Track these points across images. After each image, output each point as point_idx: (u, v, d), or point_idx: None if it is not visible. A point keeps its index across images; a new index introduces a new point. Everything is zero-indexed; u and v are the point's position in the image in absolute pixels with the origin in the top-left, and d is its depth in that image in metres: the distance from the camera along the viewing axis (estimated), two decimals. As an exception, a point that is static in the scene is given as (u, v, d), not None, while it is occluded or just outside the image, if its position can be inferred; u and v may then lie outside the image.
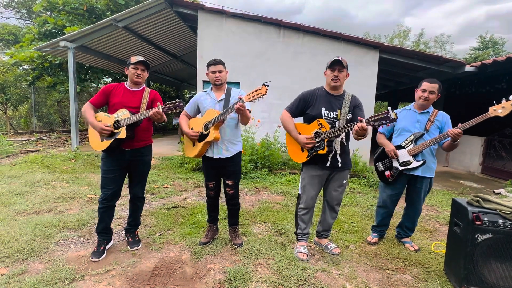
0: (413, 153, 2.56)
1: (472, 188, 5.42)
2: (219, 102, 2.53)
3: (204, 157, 2.58)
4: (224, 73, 2.54)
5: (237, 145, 2.59)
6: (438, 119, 2.58)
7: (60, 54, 8.09)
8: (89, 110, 2.46)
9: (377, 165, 2.81)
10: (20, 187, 4.24)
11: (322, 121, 2.32)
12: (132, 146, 2.49)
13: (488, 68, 6.20)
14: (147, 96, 2.52)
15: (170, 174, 5.43)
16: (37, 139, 9.45)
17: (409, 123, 2.64)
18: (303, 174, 2.56)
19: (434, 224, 3.48)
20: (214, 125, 2.38)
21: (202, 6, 6.31)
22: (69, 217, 3.22)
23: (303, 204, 2.56)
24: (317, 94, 2.45)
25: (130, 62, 2.46)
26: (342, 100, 2.39)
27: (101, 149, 2.44)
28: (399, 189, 2.73)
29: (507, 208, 1.97)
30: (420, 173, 2.59)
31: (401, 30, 24.69)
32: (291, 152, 2.56)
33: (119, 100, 2.45)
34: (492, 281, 1.98)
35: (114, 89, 2.50)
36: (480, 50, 19.92)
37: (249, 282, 2.14)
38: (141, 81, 2.52)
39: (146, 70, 2.51)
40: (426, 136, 2.56)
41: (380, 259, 2.57)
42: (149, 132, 2.63)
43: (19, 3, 17.21)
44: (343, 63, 2.31)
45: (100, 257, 2.43)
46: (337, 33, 6.23)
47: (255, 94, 2.20)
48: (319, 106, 2.39)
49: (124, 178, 2.58)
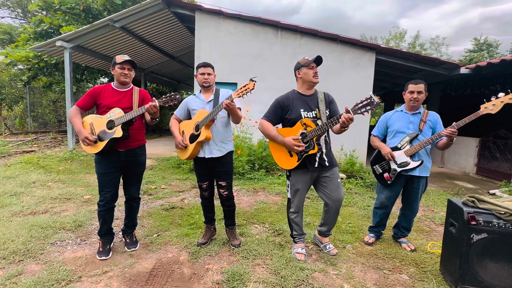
0: (410, 153, 2.59)
1: (467, 188, 5.47)
2: (209, 103, 2.54)
3: (196, 158, 2.58)
4: (212, 76, 2.56)
5: (228, 145, 2.60)
6: (429, 119, 2.64)
7: (56, 54, 8.04)
8: (76, 115, 2.41)
9: (374, 168, 2.82)
10: (15, 188, 4.21)
11: (306, 120, 2.31)
12: (126, 147, 2.46)
13: (483, 70, 6.28)
14: (137, 95, 2.48)
15: (167, 175, 5.42)
16: (33, 140, 9.37)
17: (403, 124, 2.68)
18: (292, 180, 2.49)
19: (430, 224, 3.51)
20: (204, 124, 2.39)
21: (199, 7, 6.31)
22: (66, 218, 3.19)
23: (294, 208, 2.56)
24: (292, 97, 2.45)
25: (115, 61, 2.39)
26: (317, 99, 2.41)
27: (96, 152, 2.39)
28: (397, 190, 2.75)
29: (502, 209, 2.00)
30: (417, 173, 2.62)
31: (397, 32, 24.91)
32: (279, 160, 2.46)
33: (109, 102, 2.40)
34: (487, 280, 2.00)
35: (102, 91, 2.44)
36: (475, 52, 20.15)
37: (247, 282, 2.14)
38: (129, 81, 2.47)
39: (133, 69, 2.47)
40: (421, 137, 2.60)
41: (377, 259, 2.59)
42: (142, 132, 2.60)
43: (14, 2, 17.06)
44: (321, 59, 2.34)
45: (108, 256, 2.46)
46: (334, 35, 6.27)
47: (243, 89, 2.22)
48: (297, 108, 2.38)
49: (120, 178, 2.57)
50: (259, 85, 6.17)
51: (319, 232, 2.76)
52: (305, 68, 2.36)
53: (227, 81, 6.33)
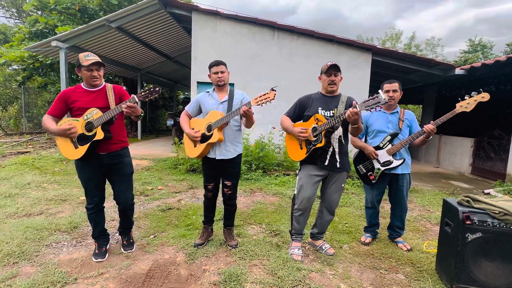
0: (392, 152, 2.66)
1: (463, 188, 5.52)
2: (222, 103, 2.53)
3: (205, 158, 2.57)
4: (226, 74, 2.54)
5: (239, 147, 2.61)
6: (406, 117, 2.74)
7: (51, 54, 7.97)
8: (51, 124, 2.25)
9: (358, 168, 2.87)
10: (10, 189, 4.16)
11: (319, 115, 2.35)
12: (108, 150, 2.32)
13: (477, 71, 6.35)
14: (111, 92, 2.33)
15: (164, 176, 5.39)
16: (27, 141, 9.28)
17: (382, 124, 2.74)
18: (300, 174, 2.56)
19: (425, 224, 3.53)
20: (218, 126, 2.38)
21: (196, 7, 6.30)
22: (61, 219, 3.17)
23: (298, 205, 2.55)
24: (313, 97, 2.52)
25: (81, 64, 2.20)
26: (338, 100, 2.44)
27: (78, 157, 2.24)
28: (382, 189, 2.82)
29: (496, 208, 2.02)
30: (400, 171, 2.69)
31: (393, 33, 25.06)
32: (290, 151, 2.57)
33: (82, 103, 2.26)
34: (482, 279, 2.02)
35: (72, 93, 2.29)
36: (469, 53, 20.31)
37: (244, 283, 2.14)
38: (99, 82, 2.33)
39: (101, 68, 2.31)
40: (400, 135, 2.68)
41: (373, 259, 2.60)
42: (123, 132, 2.46)
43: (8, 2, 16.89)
44: (339, 67, 2.40)
45: (104, 257, 2.43)
46: (331, 36, 6.30)
47: (262, 98, 2.25)
48: (316, 106, 2.45)
49: (105, 180, 2.47)
50: (256, 86, 6.19)
51: (311, 235, 2.78)
52: (324, 75, 2.45)
53: (224, 82, 6.31)
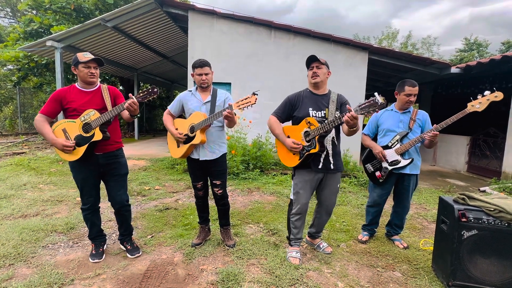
0: (400, 152, 2.63)
1: (459, 186, 5.56)
2: (205, 104, 2.51)
3: (190, 158, 2.57)
4: (210, 75, 2.50)
5: (222, 147, 2.59)
6: (419, 117, 2.69)
7: (46, 54, 7.90)
8: (44, 124, 2.22)
9: (366, 167, 2.86)
10: (5, 191, 4.13)
11: (310, 119, 2.29)
12: (104, 150, 2.32)
13: (473, 69, 6.39)
14: (107, 93, 2.33)
15: (161, 176, 5.38)
16: (23, 141, 9.20)
17: (393, 123, 2.72)
18: (295, 180, 2.48)
19: (422, 221, 3.56)
20: (201, 128, 2.38)
21: (192, 7, 6.27)
22: (58, 220, 3.15)
23: (296, 210, 2.50)
24: (303, 95, 2.44)
25: (78, 60, 2.19)
26: (329, 99, 2.37)
27: (76, 158, 2.22)
28: (389, 188, 2.80)
29: (491, 205, 2.03)
30: (408, 171, 2.66)
31: (390, 32, 25.17)
32: (282, 157, 2.48)
33: (78, 104, 2.23)
34: (477, 276, 2.04)
35: (66, 94, 2.26)
36: (465, 52, 20.44)
37: (241, 282, 2.14)
38: (96, 80, 2.32)
39: (98, 68, 2.32)
40: (410, 135, 2.65)
41: (370, 257, 2.62)
42: (118, 133, 2.45)
43: (3, 1, 16.74)
44: (320, 59, 2.32)
45: (101, 258, 2.42)
46: (328, 35, 6.30)
47: (244, 102, 2.25)
48: (306, 106, 2.37)
49: (100, 181, 2.46)
50: (253, 85, 6.19)
51: (309, 234, 2.78)
52: (308, 71, 2.40)
53: (220, 81, 6.32)
